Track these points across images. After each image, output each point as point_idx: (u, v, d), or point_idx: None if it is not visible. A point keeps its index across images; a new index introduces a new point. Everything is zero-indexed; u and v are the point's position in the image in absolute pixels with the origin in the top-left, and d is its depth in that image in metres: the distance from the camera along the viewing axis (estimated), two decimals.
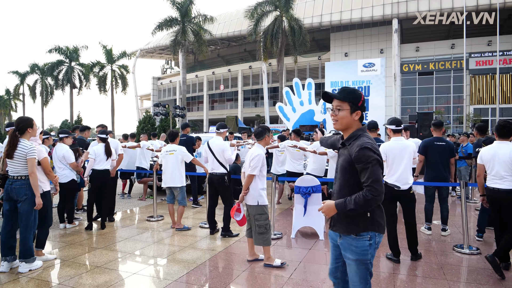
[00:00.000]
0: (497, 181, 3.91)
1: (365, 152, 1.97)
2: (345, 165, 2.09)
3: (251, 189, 4.03)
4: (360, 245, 2.07)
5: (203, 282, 3.59)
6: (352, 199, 1.97)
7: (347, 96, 2.10)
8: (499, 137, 4.06)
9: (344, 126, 2.14)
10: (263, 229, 4.00)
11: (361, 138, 2.06)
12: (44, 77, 39.82)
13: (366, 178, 1.96)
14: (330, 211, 2.07)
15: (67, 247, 4.74)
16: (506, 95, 33.58)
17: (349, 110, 2.10)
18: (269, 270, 3.94)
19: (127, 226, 5.98)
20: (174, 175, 5.73)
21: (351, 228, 2.08)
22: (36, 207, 3.77)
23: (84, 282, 3.54)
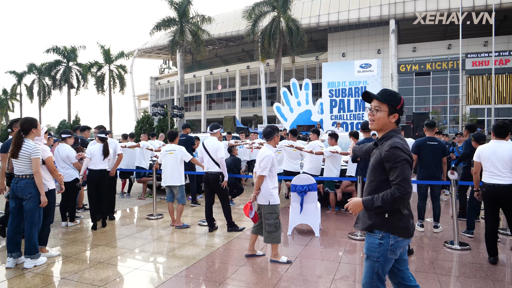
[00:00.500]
0: (497, 178, 4.10)
1: (395, 151, 2.02)
2: (374, 164, 2.15)
3: (262, 189, 4.14)
4: (371, 241, 2.14)
5: (203, 276, 3.73)
6: (380, 197, 2.02)
7: (387, 98, 2.15)
8: (496, 137, 4.26)
9: (380, 127, 2.18)
10: (273, 228, 4.12)
11: (393, 138, 2.11)
12: (41, 77, 39.83)
13: (395, 177, 2.00)
14: (356, 208, 2.12)
15: (69, 244, 4.87)
16: (502, 95, 33.89)
17: (387, 112, 2.14)
18: (266, 265, 4.09)
19: (128, 224, 6.11)
20: (173, 174, 5.87)
21: (367, 224, 2.15)
22: (41, 205, 3.90)
23: (88, 277, 3.68)
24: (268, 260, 4.22)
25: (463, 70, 34.67)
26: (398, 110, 2.15)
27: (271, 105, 17.96)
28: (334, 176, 6.56)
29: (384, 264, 2.13)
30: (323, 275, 3.80)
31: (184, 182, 6.00)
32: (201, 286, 3.50)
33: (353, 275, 3.86)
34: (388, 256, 2.11)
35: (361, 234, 5.20)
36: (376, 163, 2.13)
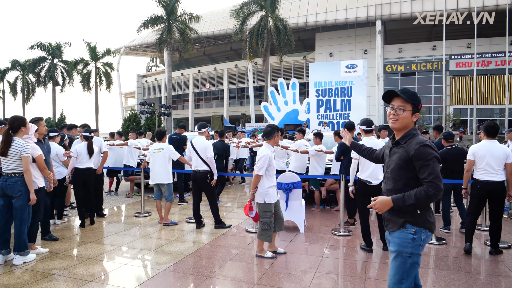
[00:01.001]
0: (491, 175, 4.38)
1: (426, 149, 2.03)
2: (400, 163, 2.12)
3: (259, 187, 4.27)
4: (403, 236, 2.09)
5: (190, 271, 3.86)
6: (412, 194, 2.00)
7: (411, 97, 2.15)
8: (488, 136, 4.53)
9: (402, 126, 2.17)
10: (267, 226, 4.25)
11: (418, 137, 2.11)
12: (25, 74, 39.04)
13: (428, 174, 2.00)
14: (384, 206, 2.11)
15: (58, 241, 4.92)
16: (484, 96, 34.80)
17: (411, 112, 2.15)
18: (252, 260, 4.24)
19: (116, 222, 6.17)
20: (161, 172, 5.96)
21: (400, 222, 2.11)
22: (30, 202, 3.96)
23: (78, 272, 3.76)
24: (253, 255, 4.37)
25: (447, 71, 35.50)
26: (419, 109, 2.20)
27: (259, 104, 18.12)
28: (319, 174, 6.74)
29: (417, 260, 2.10)
30: (307, 269, 3.97)
31: (172, 180, 6.10)
32: (188, 280, 3.63)
33: (335, 269, 4.04)
34: (420, 252, 2.11)
35: (343, 230, 5.40)
36: (402, 162, 2.11)
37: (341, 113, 16.14)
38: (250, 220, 6.11)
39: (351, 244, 4.92)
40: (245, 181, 11.55)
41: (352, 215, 5.89)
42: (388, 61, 37.19)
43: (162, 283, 3.56)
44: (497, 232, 4.44)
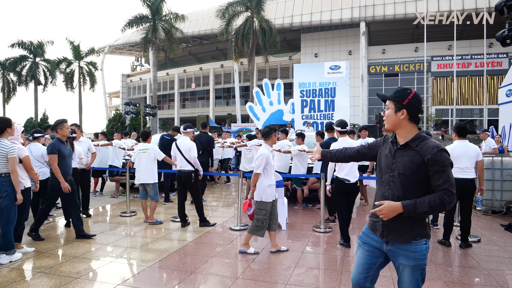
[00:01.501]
0: (465, 173, 4.68)
1: (443, 154, 1.91)
2: (412, 167, 1.94)
3: (257, 186, 4.43)
4: (419, 250, 1.97)
5: (175, 267, 3.99)
6: (426, 202, 1.87)
7: (393, 94, 2.05)
8: (459, 137, 4.83)
9: (391, 126, 2.06)
10: (260, 223, 4.40)
11: (431, 140, 1.99)
12: (5, 73, 38.13)
13: (443, 181, 1.87)
14: (392, 212, 1.91)
15: (44, 240, 4.98)
16: (464, 96, 35.82)
17: (394, 109, 2.03)
18: (235, 256, 4.40)
19: (101, 222, 6.24)
20: (147, 172, 6.06)
21: (410, 234, 1.97)
22: (17, 202, 4.02)
23: (64, 270, 3.85)
24: (237, 252, 4.53)
25: (429, 72, 36.40)
26: (406, 105, 1.99)
27: (245, 104, 18.28)
28: (301, 173, 6.95)
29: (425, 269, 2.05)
30: (288, 264, 4.15)
31: (157, 180, 6.20)
32: (173, 275, 3.76)
33: (315, 263, 4.23)
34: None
35: (324, 227, 5.61)
36: (415, 166, 1.94)
37: (325, 113, 16.43)
38: (234, 219, 6.28)
39: (330, 240, 5.13)
40: (230, 180, 11.68)
41: (333, 213, 6.12)
42: (372, 62, 37.91)
43: (148, 278, 3.68)
44: (466, 227, 4.71)
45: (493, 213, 6.87)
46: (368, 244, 2.14)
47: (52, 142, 4.93)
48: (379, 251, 2.09)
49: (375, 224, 2.10)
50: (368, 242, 2.14)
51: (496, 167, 6.86)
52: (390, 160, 2.05)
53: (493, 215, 6.78)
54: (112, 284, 3.51)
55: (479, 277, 3.79)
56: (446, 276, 3.75)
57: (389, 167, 2.05)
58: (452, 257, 4.46)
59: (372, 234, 2.12)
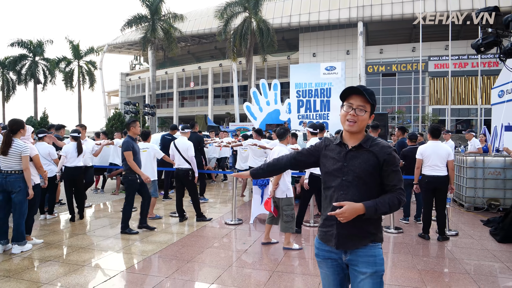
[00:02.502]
0: (437, 171, 5.07)
1: (395, 155, 1.88)
2: (368, 169, 1.85)
3: (280, 184, 4.73)
4: (378, 253, 1.86)
5: (173, 256, 4.35)
6: (386, 202, 1.80)
7: (372, 97, 1.87)
8: (432, 138, 5.21)
9: (360, 129, 1.90)
10: (290, 218, 4.69)
11: (381, 140, 1.94)
12: (5, 72, 38.36)
13: (398, 181, 1.85)
14: (354, 214, 1.78)
15: (51, 234, 5.33)
16: (461, 96, 36.23)
17: (369, 113, 1.89)
18: (230, 246, 4.76)
19: (104, 217, 6.59)
20: (147, 170, 6.39)
21: (369, 237, 1.86)
22: (29, 197, 4.37)
23: (72, 259, 4.20)
24: (231, 242, 4.89)
25: (426, 72, 36.79)
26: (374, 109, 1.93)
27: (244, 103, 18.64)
28: (294, 171, 7.31)
29: None
30: (276, 253, 4.52)
31: (156, 177, 6.55)
32: (171, 263, 4.12)
33: (301, 253, 4.59)
34: None
35: (313, 222, 5.98)
36: (371, 168, 1.84)
37: (320, 113, 16.78)
38: (230, 214, 6.64)
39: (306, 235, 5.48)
40: (227, 179, 12.04)
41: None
42: (370, 61, 38.28)
43: (149, 266, 4.04)
44: (442, 221, 5.09)
45: (475, 209, 7.24)
46: (330, 259, 1.93)
47: (126, 140, 5.31)
48: (342, 262, 1.91)
49: (326, 234, 1.93)
50: (329, 257, 1.93)
51: (478, 166, 7.24)
52: (341, 163, 1.90)
53: (475, 212, 7.15)
54: (116, 270, 3.87)
55: (450, 265, 4.16)
56: (420, 265, 4.12)
57: (340, 170, 1.90)
58: (429, 249, 4.83)
59: (328, 246, 1.92)
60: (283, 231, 4.74)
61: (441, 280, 3.70)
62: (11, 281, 3.55)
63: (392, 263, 4.19)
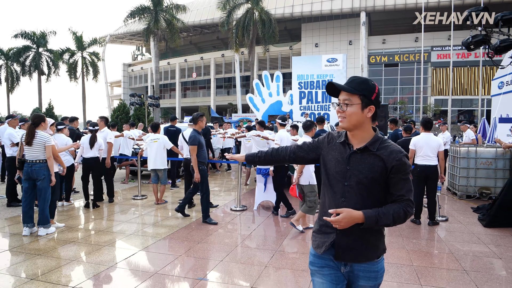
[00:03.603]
0: (428, 160, 5.45)
1: (406, 160, 1.66)
2: (374, 176, 1.66)
3: (304, 172, 5.09)
4: (380, 268, 1.74)
5: (184, 238, 4.77)
6: (390, 214, 1.60)
7: (358, 87, 1.69)
8: (425, 130, 5.57)
9: (353, 125, 1.71)
10: (313, 204, 5.07)
11: (391, 143, 1.72)
12: (9, 63, 38.66)
13: (406, 191, 1.64)
14: (351, 223, 1.61)
15: (70, 218, 5.77)
16: (463, 87, 36.31)
17: (360, 105, 1.68)
18: (236, 229, 5.18)
19: (117, 204, 7.01)
20: (157, 159, 6.84)
21: (372, 253, 1.71)
22: (51, 184, 4.79)
23: (93, 240, 4.63)
24: (237, 226, 5.31)
25: (428, 62, 36.81)
26: (374, 100, 1.69)
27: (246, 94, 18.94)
28: None
29: None
30: (279, 235, 4.94)
31: (167, 166, 6.97)
32: (183, 244, 4.54)
33: (301, 235, 5.00)
34: None
35: None
36: (377, 174, 1.66)
37: (322, 104, 17.08)
38: (234, 201, 7.05)
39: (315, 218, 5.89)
40: (231, 168, 12.47)
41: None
42: (372, 52, 38.28)
43: (163, 246, 4.47)
44: (432, 207, 5.48)
45: (467, 197, 7.61)
46: (327, 267, 1.77)
47: (193, 134, 5.54)
48: (340, 273, 1.75)
49: (324, 244, 1.75)
50: (327, 265, 1.77)
51: (471, 156, 7.59)
52: (344, 166, 1.73)
53: (467, 200, 7.53)
54: (135, 249, 4.30)
55: (436, 246, 4.57)
56: (409, 246, 4.52)
57: (342, 174, 1.73)
58: (419, 232, 5.23)
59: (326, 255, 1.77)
60: (305, 212, 5.11)
61: (426, 258, 4.10)
62: (42, 258, 3.98)
63: None
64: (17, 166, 5.02)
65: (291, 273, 3.65)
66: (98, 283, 3.41)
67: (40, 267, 3.74)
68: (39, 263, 3.85)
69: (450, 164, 8.43)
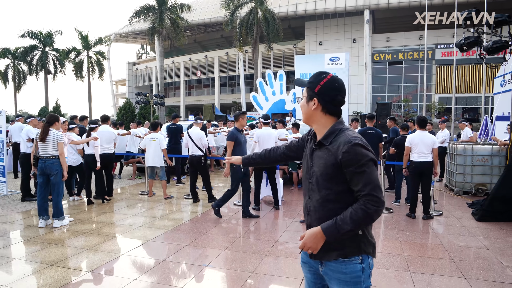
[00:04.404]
0: (423, 157, 5.70)
1: (357, 150, 1.50)
2: (328, 171, 1.56)
3: None
4: (350, 271, 1.57)
5: (190, 230, 5.05)
6: (348, 217, 1.48)
7: (308, 80, 1.68)
8: (420, 128, 5.81)
9: (305, 118, 1.70)
10: None
11: (344, 133, 1.58)
12: (16, 62, 39.19)
13: (363, 185, 1.48)
14: (317, 242, 1.54)
15: (81, 212, 6.08)
16: (468, 85, 36.23)
17: (306, 98, 1.66)
18: (239, 222, 5.46)
19: (125, 199, 7.32)
20: (155, 157, 7.19)
21: (337, 250, 1.58)
22: (64, 178, 5.09)
23: (104, 231, 4.93)
24: (240, 219, 5.59)
25: (433, 60, 36.77)
26: (317, 93, 1.61)
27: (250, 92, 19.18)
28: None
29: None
30: (280, 227, 5.21)
31: (163, 164, 7.25)
32: (189, 235, 4.82)
33: (301, 227, 5.26)
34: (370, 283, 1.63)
35: None
36: (330, 170, 1.56)
37: None
38: (237, 196, 7.32)
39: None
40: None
41: None
42: (376, 50, 38.28)
43: (170, 237, 4.75)
44: (427, 201, 5.71)
45: (464, 193, 7.83)
46: (308, 264, 1.76)
47: (232, 131, 5.73)
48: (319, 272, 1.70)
49: None
50: (307, 262, 1.75)
51: (467, 153, 7.80)
52: (309, 163, 1.69)
53: (464, 195, 7.75)
54: (144, 240, 4.60)
55: (428, 238, 4.82)
56: (403, 238, 4.77)
57: (308, 171, 1.69)
58: (413, 225, 5.47)
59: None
60: None
61: (417, 249, 4.35)
62: (58, 247, 4.29)
63: (377, 236, 4.85)
64: (33, 162, 5.34)
65: (289, 261, 3.92)
66: (112, 268, 3.70)
67: (57, 255, 4.04)
68: (56, 251, 4.15)
69: (449, 162, 8.64)
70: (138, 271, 3.64)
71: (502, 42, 5.36)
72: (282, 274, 3.60)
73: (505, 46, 5.42)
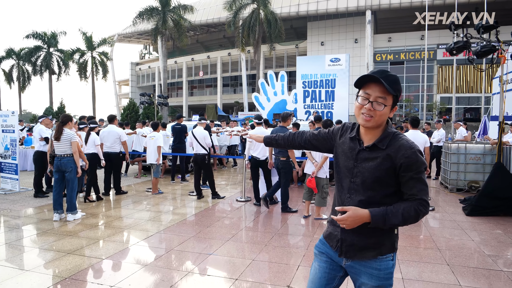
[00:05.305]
0: None
1: (419, 158, 1.54)
2: (379, 174, 1.58)
3: (324, 166, 5.61)
4: (384, 267, 1.63)
5: (195, 223, 5.39)
6: (400, 212, 1.52)
7: (395, 87, 1.58)
8: (412, 127, 6.11)
9: (379, 125, 1.62)
10: (326, 195, 5.64)
11: (402, 138, 1.60)
12: (21, 63, 39.69)
13: (418, 190, 1.53)
14: (357, 222, 1.55)
15: (91, 207, 6.43)
16: (469, 85, 36.41)
17: (391, 106, 1.61)
18: (240, 217, 5.79)
19: (132, 196, 7.67)
20: (152, 154, 7.57)
21: (375, 250, 1.62)
22: (78, 175, 5.44)
23: (114, 225, 5.28)
24: (242, 214, 5.92)
25: (434, 60, 36.97)
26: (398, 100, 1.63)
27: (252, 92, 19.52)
28: (297, 156, 8.27)
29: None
30: (278, 221, 5.54)
31: (161, 162, 7.68)
32: (195, 227, 5.16)
33: (298, 221, 5.59)
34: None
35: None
36: (384, 173, 1.57)
37: (325, 103, 17.62)
38: (239, 193, 7.66)
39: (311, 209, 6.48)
40: (237, 164, 13.10)
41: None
42: (378, 50, 38.53)
43: (177, 229, 5.09)
44: None
45: (458, 190, 8.12)
46: (325, 255, 1.77)
47: (275, 129, 6.17)
48: (338, 264, 1.74)
49: (331, 235, 1.75)
50: (326, 252, 1.78)
51: (461, 152, 8.10)
52: (352, 162, 1.68)
53: (457, 192, 8.04)
54: (152, 232, 4.94)
55: (418, 231, 5.13)
56: None
57: (349, 170, 1.68)
58: None
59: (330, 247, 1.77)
60: (318, 205, 5.63)
61: (407, 240, 4.67)
62: (73, 238, 4.63)
63: None
64: (49, 160, 5.70)
65: (287, 250, 4.25)
66: (125, 256, 4.04)
67: (73, 244, 4.39)
68: (71, 241, 4.50)
69: (443, 160, 8.94)
70: (150, 258, 3.97)
71: (490, 46, 5.65)
72: (280, 261, 3.93)
73: (493, 50, 5.72)
